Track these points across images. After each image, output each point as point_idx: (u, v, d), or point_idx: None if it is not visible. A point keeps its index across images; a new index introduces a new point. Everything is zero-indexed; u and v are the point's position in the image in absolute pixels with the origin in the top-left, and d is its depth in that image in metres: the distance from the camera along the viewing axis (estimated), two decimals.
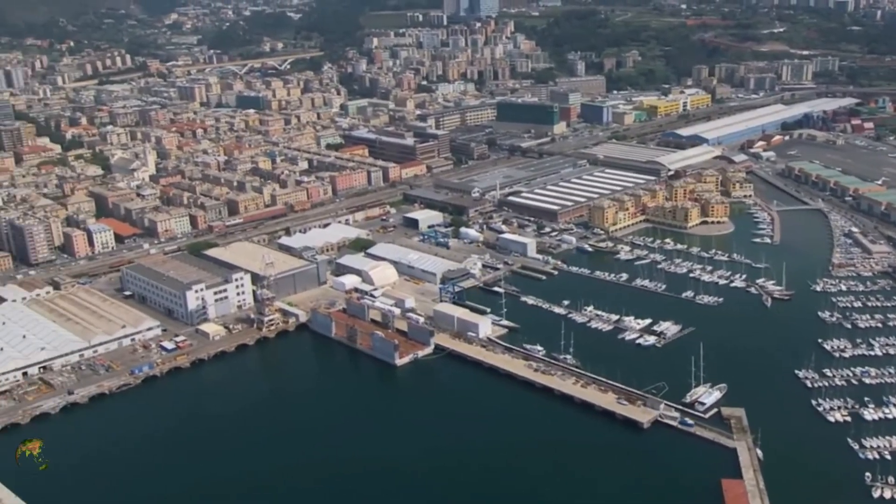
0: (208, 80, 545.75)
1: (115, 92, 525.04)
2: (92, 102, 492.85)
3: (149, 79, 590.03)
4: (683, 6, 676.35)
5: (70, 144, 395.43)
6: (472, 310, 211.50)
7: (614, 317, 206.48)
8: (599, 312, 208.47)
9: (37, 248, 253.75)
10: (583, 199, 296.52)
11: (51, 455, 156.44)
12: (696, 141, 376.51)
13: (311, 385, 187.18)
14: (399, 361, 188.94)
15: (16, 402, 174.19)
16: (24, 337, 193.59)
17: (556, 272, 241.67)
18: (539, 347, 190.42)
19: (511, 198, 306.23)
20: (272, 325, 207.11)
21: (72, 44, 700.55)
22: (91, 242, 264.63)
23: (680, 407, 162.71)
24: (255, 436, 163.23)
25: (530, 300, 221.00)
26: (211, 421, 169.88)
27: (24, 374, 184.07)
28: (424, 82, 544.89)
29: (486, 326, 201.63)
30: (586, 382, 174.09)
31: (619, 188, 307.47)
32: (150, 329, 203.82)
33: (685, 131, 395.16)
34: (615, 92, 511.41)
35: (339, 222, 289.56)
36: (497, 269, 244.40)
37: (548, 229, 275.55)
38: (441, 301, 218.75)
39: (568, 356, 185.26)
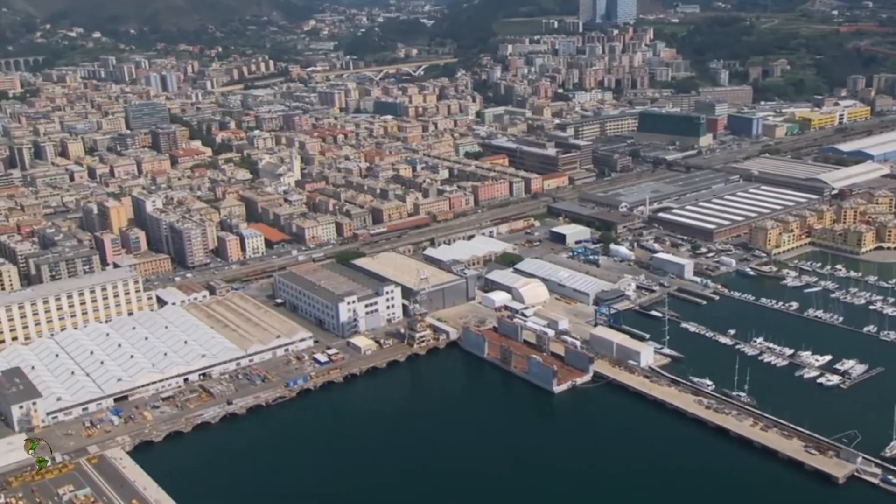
0: (347, 86, 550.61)
1: (259, 96, 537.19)
2: (239, 107, 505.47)
3: (290, 84, 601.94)
4: (835, 12, 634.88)
5: (220, 148, 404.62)
6: (631, 335, 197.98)
7: (788, 350, 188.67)
8: (771, 345, 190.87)
9: (194, 251, 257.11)
10: (740, 218, 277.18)
11: (210, 464, 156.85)
12: (860, 157, 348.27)
13: (464, 408, 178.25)
14: (557, 388, 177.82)
15: (178, 409, 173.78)
16: (185, 342, 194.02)
17: (716, 297, 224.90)
18: (708, 381, 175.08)
19: (661, 214, 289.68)
20: (423, 341, 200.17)
21: (220, 49, 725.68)
22: (243, 247, 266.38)
23: (881, 462, 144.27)
24: (408, 459, 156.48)
25: (692, 327, 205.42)
26: (364, 440, 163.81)
27: (185, 380, 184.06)
28: (560, 90, 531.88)
29: (649, 354, 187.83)
30: (766, 425, 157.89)
31: (778, 207, 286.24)
32: (303, 340, 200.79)
33: (846, 146, 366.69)
34: (762, 103, 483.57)
35: (483, 234, 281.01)
36: (653, 290, 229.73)
37: (704, 249, 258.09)
38: (597, 324, 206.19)
39: (742, 393, 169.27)
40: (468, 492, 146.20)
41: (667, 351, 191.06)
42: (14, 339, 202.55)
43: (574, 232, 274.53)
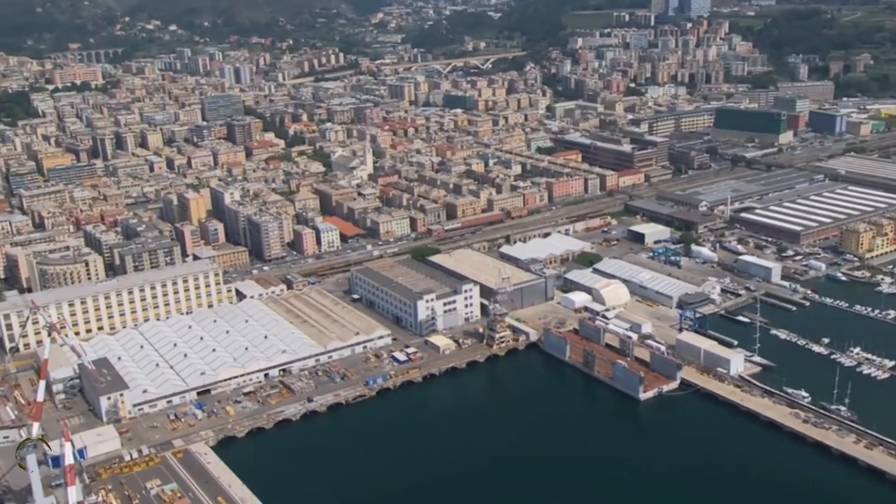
0: (416, 79, 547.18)
1: (330, 89, 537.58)
2: (310, 99, 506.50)
3: (360, 76, 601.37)
4: None
5: (293, 140, 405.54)
6: (719, 341, 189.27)
7: (889, 362, 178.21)
8: (871, 356, 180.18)
9: (271, 244, 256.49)
10: (828, 220, 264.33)
11: (292, 462, 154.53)
12: None
13: (546, 412, 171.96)
14: (643, 395, 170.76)
15: (259, 404, 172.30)
16: (265, 337, 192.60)
17: (807, 303, 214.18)
18: (804, 393, 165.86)
19: (743, 214, 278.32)
20: (503, 342, 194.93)
21: (290, 42, 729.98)
22: (318, 241, 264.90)
23: None
24: (487, 462, 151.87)
25: (782, 334, 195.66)
26: (443, 441, 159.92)
27: (266, 375, 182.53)
28: (632, 84, 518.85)
29: (739, 362, 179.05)
30: (871, 442, 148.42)
31: (869, 209, 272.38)
32: (381, 337, 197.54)
33: None
34: (844, 99, 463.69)
35: (559, 232, 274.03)
36: (738, 294, 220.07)
37: (790, 252, 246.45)
38: (681, 329, 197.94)
39: (842, 407, 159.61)
40: (549, 499, 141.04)
41: (757, 359, 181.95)
42: (100, 328, 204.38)
43: (653, 231, 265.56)
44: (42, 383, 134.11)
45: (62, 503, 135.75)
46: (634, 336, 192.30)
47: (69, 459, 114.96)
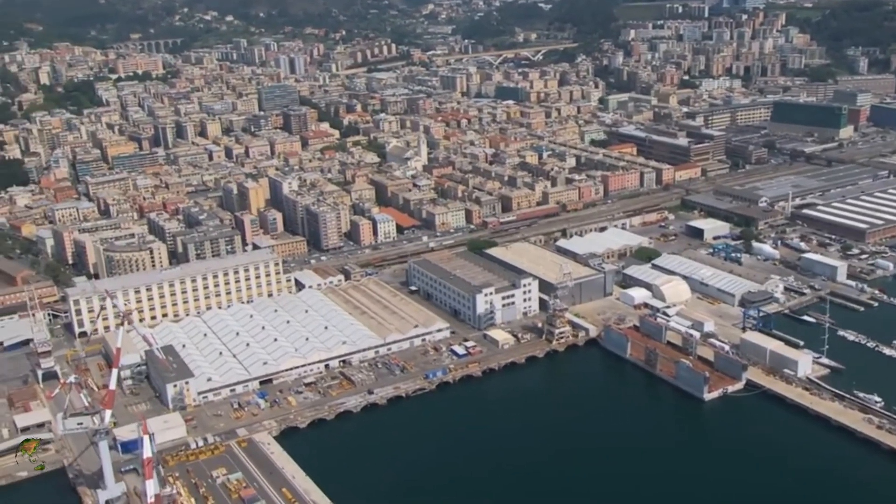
0: (468, 70, 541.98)
1: (382, 80, 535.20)
2: (364, 89, 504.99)
3: (412, 67, 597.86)
4: None
5: (347, 131, 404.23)
6: (785, 342, 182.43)
7: None
8: None
9: (329, 234, 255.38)
10: (895, 217, 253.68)
11: (354, 454, 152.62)
12: None
13: (607, 410, 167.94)
14: (708, 396, 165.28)
15: (320, 395, 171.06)
16: (325, 328, 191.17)
17: (875, 303, 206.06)
18: (877, 398, 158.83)
19: (805, 210, 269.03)
20: (562, 337, 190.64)
21: (343, 33, 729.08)
22: (375, 232, 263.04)
23: None
24: (547, 460, 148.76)
25: (850, 335, 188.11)
26: (502, 438, 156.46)
27: (326, 366, 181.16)
28: (686, 77, 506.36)
29: (806, 364, 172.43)
30: None
31: None
32: (440, 330, 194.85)
33: None
34: None
35: (616, 226, 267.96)
36: (803, 293, 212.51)
37: (856, 250, 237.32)
38: (745, 328, 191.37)
39: None
40: (609, 497, 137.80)
41: (826, 361, 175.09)
42: (164, 316, 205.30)
43: (712, 227, 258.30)
44: (115, 372, 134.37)
45: (131, 489, 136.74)
46: (697, 334, 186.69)
47: (147, 453, 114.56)
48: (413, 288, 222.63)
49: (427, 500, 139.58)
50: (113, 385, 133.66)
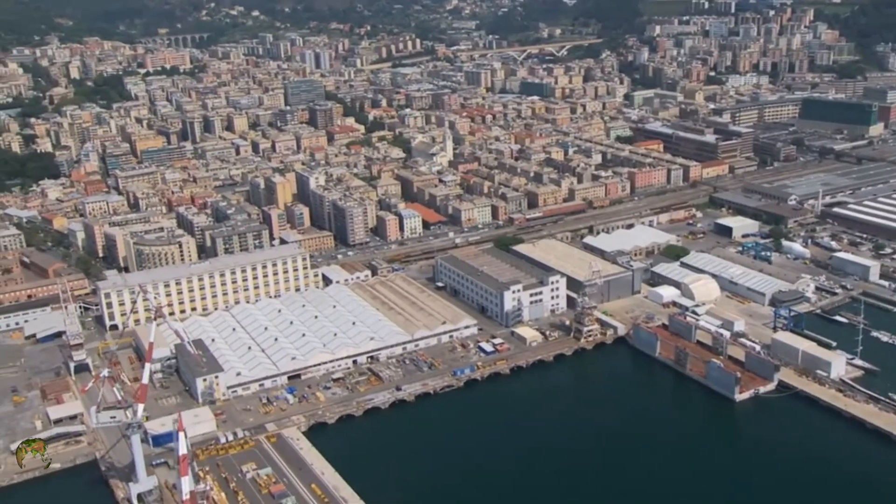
0: (493, 66, 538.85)
1: (407, 75, 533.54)
2: (388, 85, 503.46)
3: (436, 62, 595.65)
4: None
5: (373, 126, 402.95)
6: (817, 342, 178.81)
7: None
8: None
9: (355, 229, 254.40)
10: None
11: (382, 451, 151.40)
12: None
13: (636, 410, 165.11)
14: (739, 396, 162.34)
15: (349, 391, 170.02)
16: (353, 323, 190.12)
17: None
18: None
19: (836, 209, 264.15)
20: (591, 335, 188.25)
21: (368, 28, 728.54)
22: (401, 227, 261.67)
23: None
24: (574, 460, 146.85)
25: (884, 336, 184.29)
26: (531, 436, 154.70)
27: (354, 361, 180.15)
28: (712, 73, 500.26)
29: (840, 365, 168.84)
30: None
31: None
32: (467, 327, 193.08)
33: None
34: None
35: (642, 223, 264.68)
36: (834, 293, 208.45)
37: (888, 250, 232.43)
38: (776, 328, 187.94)
39: None
40: (640, 499, 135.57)
41: (859, 362, 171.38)
42: (193, 309, 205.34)
43: (741, 225, 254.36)
44: (147, 367, 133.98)
45: (162, 482, 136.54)
46: (727, 334, 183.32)
47: (183, 450, 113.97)
48: (440, 284, 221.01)
49: (455, 498, 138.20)
50: (146, 380, 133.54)
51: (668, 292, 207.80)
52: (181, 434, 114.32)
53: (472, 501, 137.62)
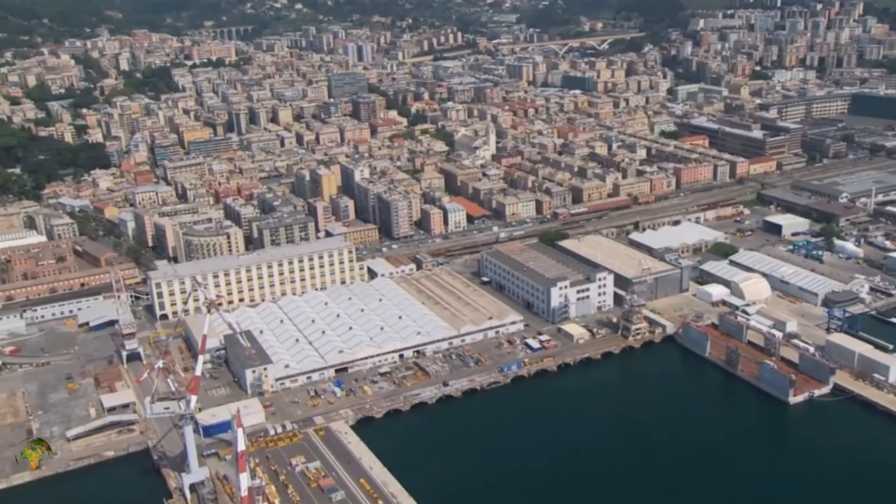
0: (535, 59, 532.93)
1: (449, 68, 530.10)
2: (430, 78, 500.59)
3: (477, 56, 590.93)
4: None
5: (415, 118, 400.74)
6: (873, 345, 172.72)
7: None
8: None
9: (400, 222, 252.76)
10: None
11: (429, 446, 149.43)
12: None
13: (685, 411, 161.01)
14: (793, 399, 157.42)
15: (395, 385, 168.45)
16: (399, 318, 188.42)
17: None
18: None
19: (889, 207, 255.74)
20: (639, 334, 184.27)
21: (410, 21, 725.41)
22: (446, 221, 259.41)
23: None
24: (622, 460, 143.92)
25: None
26: (578, 434, 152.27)
27: (401, 356, 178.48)
28: (758, 68, 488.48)
29: None
30: None
31: None
32: (513, 323, 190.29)
33: None
34: None
35: (689, 220, 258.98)
36: (890, 294, 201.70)
37: None
38: (830, 329, 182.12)
39: None
40: (689, 501, 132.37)
41: None
42: (241, 301, 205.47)
43: (791, 223, 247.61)
44: (200, 359, 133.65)
45: (213, 473, 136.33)
46: (779, 334, 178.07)
47: (241, 446, 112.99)
48: (485, 279, 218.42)
49: (502, 495, 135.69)
50: (199, 372, 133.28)
51: (717, 291, 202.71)
52: (240, 430, 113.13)
53: (517, 500, 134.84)
